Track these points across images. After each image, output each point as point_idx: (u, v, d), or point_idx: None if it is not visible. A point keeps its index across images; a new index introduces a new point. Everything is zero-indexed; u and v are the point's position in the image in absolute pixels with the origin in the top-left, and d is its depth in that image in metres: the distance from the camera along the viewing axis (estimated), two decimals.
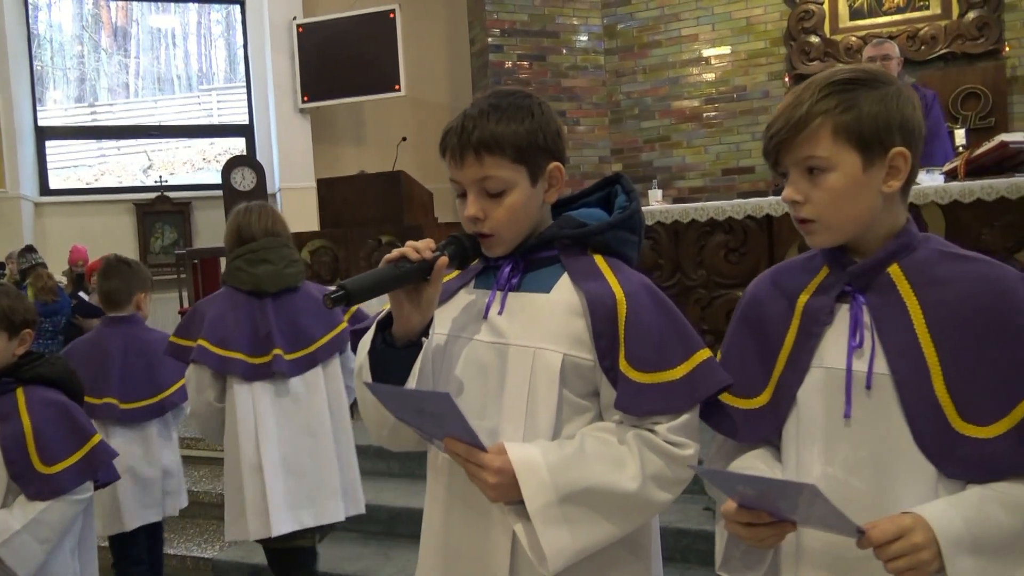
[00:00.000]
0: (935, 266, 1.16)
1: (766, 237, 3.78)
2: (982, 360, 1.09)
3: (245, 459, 2.47)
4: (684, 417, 1.28)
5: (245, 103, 8.29)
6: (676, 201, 6.22)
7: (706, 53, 7.19)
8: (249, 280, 2.53)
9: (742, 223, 3.82)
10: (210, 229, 7.79)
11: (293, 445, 2.52)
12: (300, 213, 7.00)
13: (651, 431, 1.28)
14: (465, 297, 1.43)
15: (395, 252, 1.27)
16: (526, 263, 1.38)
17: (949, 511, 1.04)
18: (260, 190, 7.47)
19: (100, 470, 2.12)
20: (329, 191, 5.04)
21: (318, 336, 2.59)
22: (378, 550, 3.29)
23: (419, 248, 1.27)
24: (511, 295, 1.36)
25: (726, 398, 1.29)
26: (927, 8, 6.42)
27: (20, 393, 2.06)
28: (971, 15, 6.27)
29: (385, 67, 7.27)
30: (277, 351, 2.49)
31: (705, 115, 7.22)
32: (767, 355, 1.25)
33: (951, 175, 3.81)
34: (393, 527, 3.41)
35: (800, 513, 1.06)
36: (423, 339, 1.32)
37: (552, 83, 7.36)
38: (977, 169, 3.71)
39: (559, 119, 1.39)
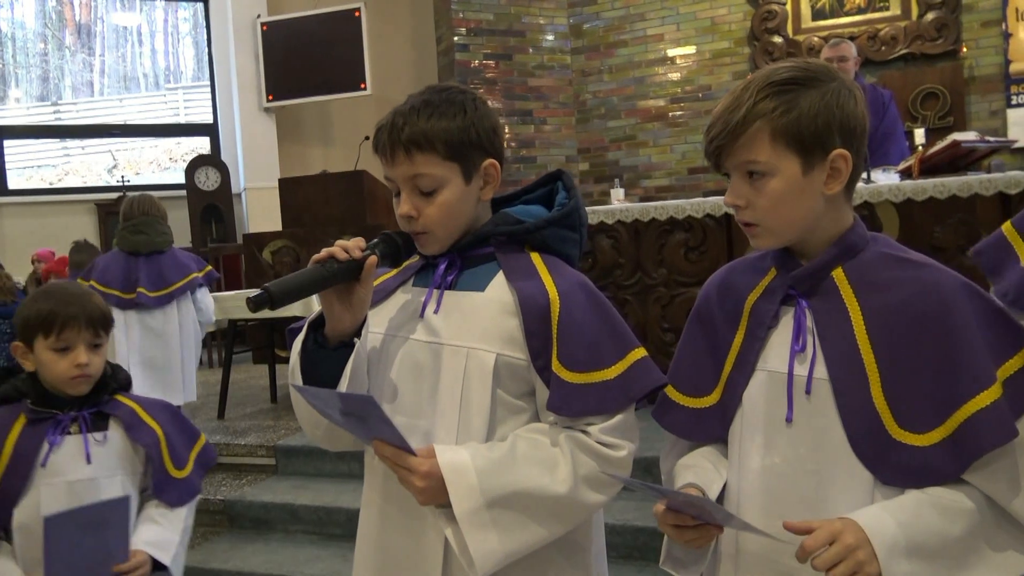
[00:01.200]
0: (879, 270, 1.15)
1: (725, 235, 3.81)
2: (919, 368, 1.08)
3: (119, 359, 3.74)
4: (618, 417, 1.27)
5: (211, 102, 8.20)
6: (643, 200, 6.25)
7: (671, 53, 7.23)
8: (128, 244, 3.99)
9: (701, 222, 3.84)
10: (174, 229, 7.64)
11: (151, 352, 3.92)
12: (265, 212, 6.96)
13: (584, 432, 1.27)
14: (403, 296, 1.40)
15: (323, 252, 1.25)
16: (463, 261, 1.36)
17: (883, 515, 1.04)
18: (224, 190, 7.41)
19: (210, 464, 2.04)
20: (291, 191, 5.00)
21: (174, 281, 3.98)
22: (337, 552, 3.27)
23: (348, 248, 1.25)
24: (447, 294, 1.34)
25: (677, 396, 1.28)
26: (887, 9, 6.51)
27: (127, 400, 1.89)
28: (930, 16, 6.36)
29: (351, 66, 7.23)
30: (141, 289, 3.90)
31: (671, 114, 7.26)
32: (718, 354, 1.25)
33: (906, 174, 3.86)
34: (353, 529, 3.37)
35: (722, 522, 1.10)
36: (355, 340, 1.29)
37: (519, 82, 7.37)
38: (931, 168, 3.77)
39: (496, 115, 1.36)
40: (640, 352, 1.30)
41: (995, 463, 1.05)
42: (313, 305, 3.96)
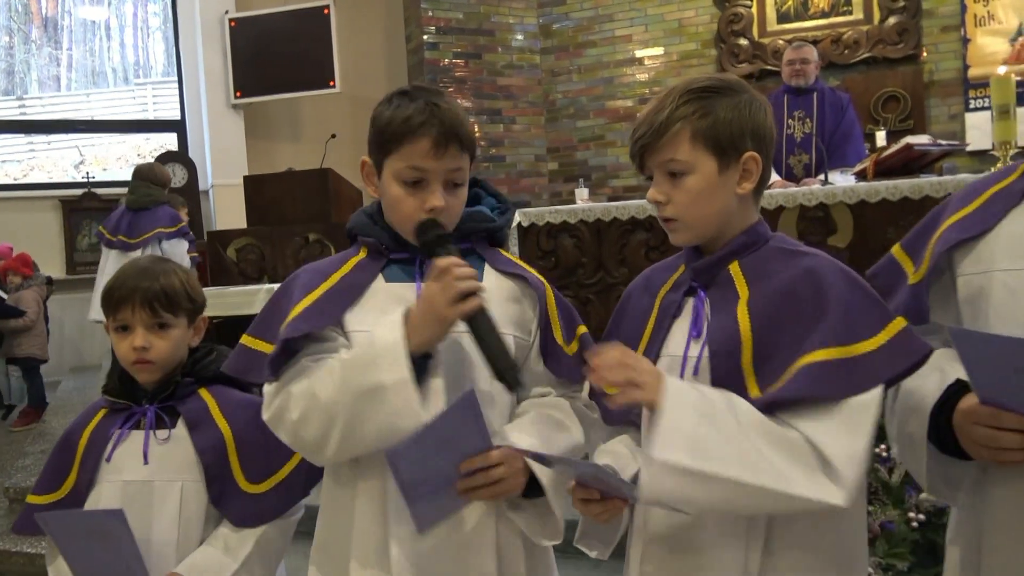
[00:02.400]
0: (769, 262, 1.26)
1: None
2: (785, 335, 1.19)
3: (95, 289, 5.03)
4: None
5: (168, 98, 8.13)
6: (611, 200, 6.30)
7: (639, 54, 7.30)
8: (125, 200, 5.23)
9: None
10: None
11: None
12: (232, 210, 6.91)
13: (576, 397, 1.44)
14: (382, 292, 1.41)
15: (470, 304, 1.24)
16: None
17: (690, 384, 1.18)
18: (192, 187, 7.35)
19: (313, 484, 1.67)
20: (256, 188, 4.99)
21: (144, 232, 5.00)
22: (296, 547, 3.27)
23: (470, 284, 1.26)
24: None
25: (611, 389, 1.34)
26: (850, 13, 6.62)
27: (207, 395, 1.64)
28: (891, 21, 6.48)
29: (319, 63, 7.21)
30: (120, 236, 5.06)
31: (639, 115, 7.27)
32: (632, 346, 1.32)
33: (862, 176, 3.94)
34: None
35: (626, 494, 1.17)
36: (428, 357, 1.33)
37: (488, 81, 7.39)
38: (886, 170, 3.85)
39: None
40: (582, 328, 1.47)
41: (824, 415, 1.13)
42: (256, 305, 3.96)
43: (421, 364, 1.26)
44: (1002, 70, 3.61)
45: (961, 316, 1.26)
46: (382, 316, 1.33)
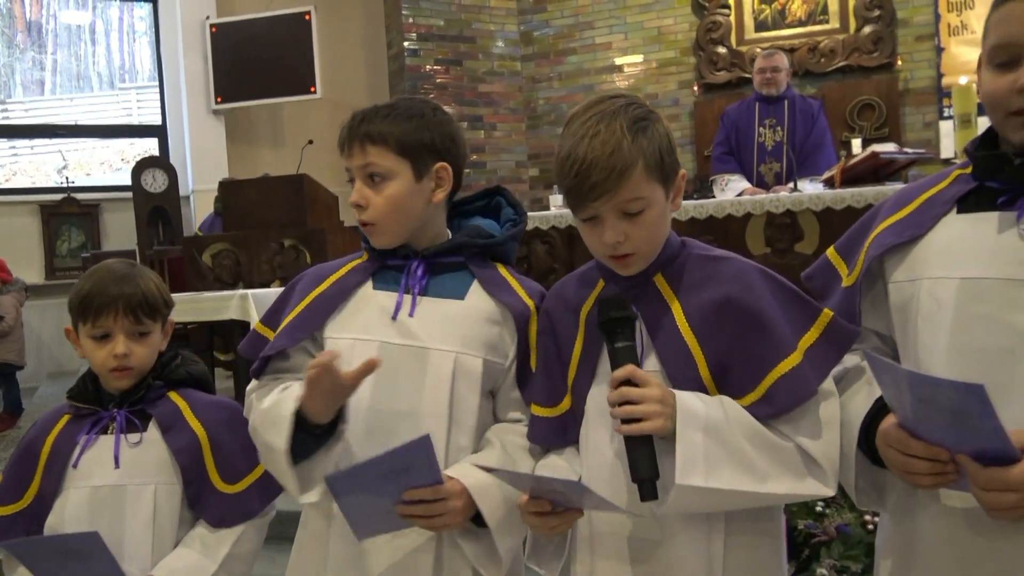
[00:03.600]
0: (692, 271, 1.27)
1: None
2: (734, 343, 1.21)
3: None
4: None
5: (153, 103, 8.13)
6: None
7: (619, 61, 7.34)
8: None
9: None
10: (120, 232, 7.62)
11: None
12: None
13: (519, 421, 1.43)
14: (365, 299, 1.44)
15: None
16: (430, 266, 1.43)
17: (695, 398, 1.18)
18: (172, 192, 7.35)
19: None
20: (233, 194, 5.00)
21: None
22: (264, 554, 3.28)
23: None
24: (426, 299, 1.41)
25: (538, 411, 1.36)
26: (827, 22, 6.68)
27: (177, 398, 1.64)
28: (867, 30, 6.54)
29: (300, 69, 7.22)
30: None
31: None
32: (563, 363, 1.33)
33: (829, 183, 3.99)
34: (284, 531, 3.40)
35: (581, 502, 1.18)
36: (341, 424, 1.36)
37: (469, 88, 7.42)
38: (853, 178, 3.90)
39: (457, 128, 1.47)
40: None
41: (799, 417, 1.19)
42: (251, 310, 3.96)
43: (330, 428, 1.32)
44: (963, 80, 3.67)
45: (892, 322, 1.28)
46: (363, 326, 1.41)
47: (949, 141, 6.30)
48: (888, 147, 3.95)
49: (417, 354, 1.37)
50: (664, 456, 1.14)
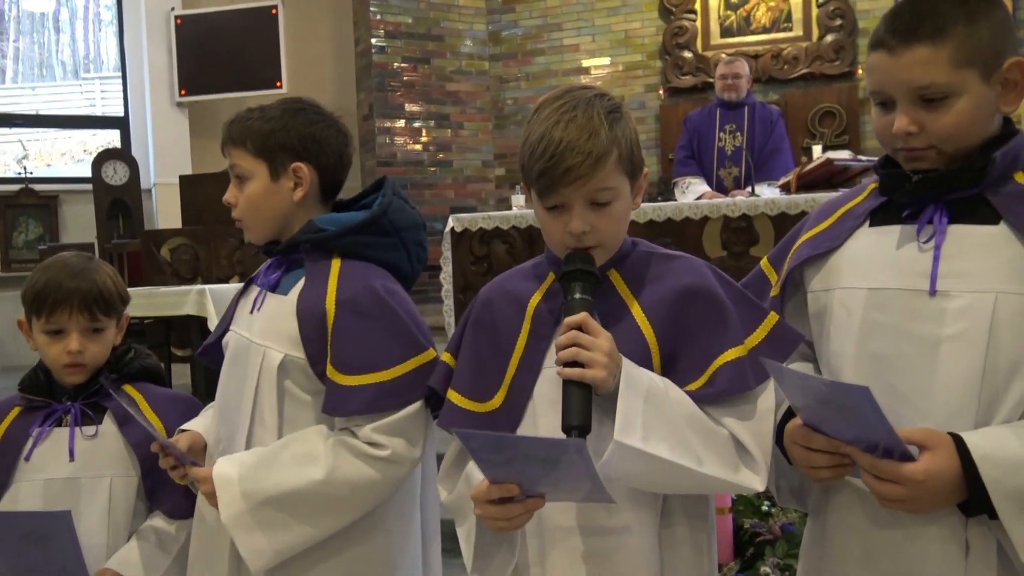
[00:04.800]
0: (646, 268, 1.28)
1: None
2: (689, 329, 1.23)
3: None
4: (392, 417, 1.36)
5: (117, 94, 8.02)
6: None
7: (586, 63, 7.38)
8: None
9: None
10: (79, 224, 7.49)
11: None
12: (175, 209, 6.83)
13: (353, 433, 1.37)
14: (249, 293, 1.56)
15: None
16: (288, 263, 1.49)
17: (640, 369, 1.18)
18: (133, 185, 7.24)
19: None
20: (193, 188, 4.95)
21: None
22: None
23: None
24: (268, 295, 1.48)
25: (462, 402, 1.31)
26: (790, 30, 6.78)
27: (133, 391, 1.64)
28: (829, 38, 6.65)
29: (266, 63, 7.16)
30: None
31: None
32: (500, 358, 1.30)
33: (785, 189, 4.06)
34: None
35: (555, 478, 1.09)
36: None
37: (437, 86, 7.41)
38: (808, 184, 3.97)
39: (329, 128, 1.49)
40: (428, 355, 1.40)
41: (735, 404, 1.21)
42: (209, 306, 3.93)
43: None
44: None
45: (811, 330, 1.33)
46: (236, 319, 1.52)
47: None
48: (843, 154, 4.03)
49: (247, 347, 1.45)
50: (603, 421, 1.14)
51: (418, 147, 7.31)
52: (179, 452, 1.41)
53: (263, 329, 1.43)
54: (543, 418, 1.25)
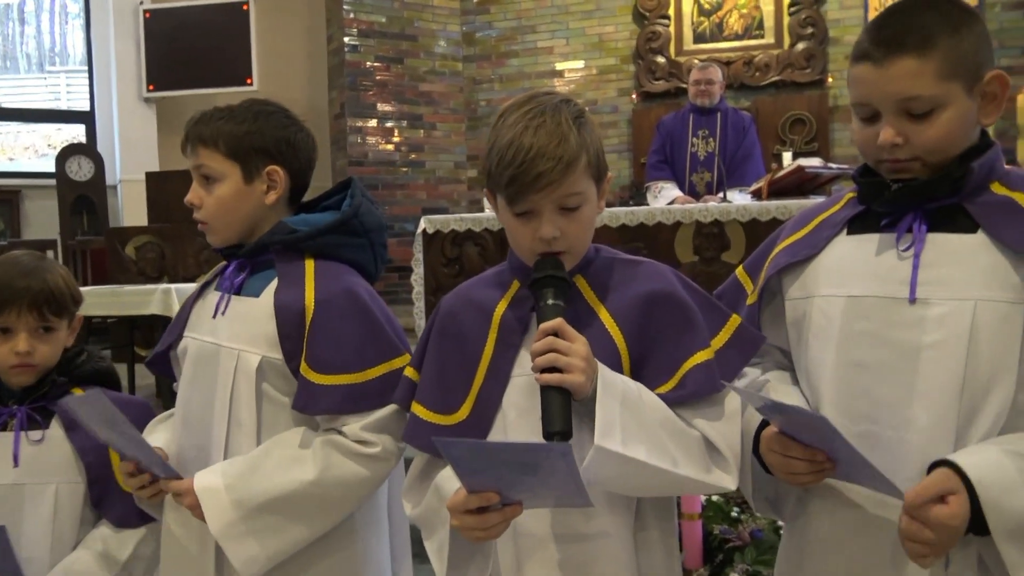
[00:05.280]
0: (611, 274, 1.28)
1: None
2: (657, 333, 1.23)
3: None
4: (376, 414, 1.35)
5: (84, 88, 7.87)
6: None
7: (560, 66, 7.39)
8: None
9: None
10: (42, 220, 7.34)
11: None
12: (141, 206, 6.71)
13: (340, 433, 1.36)
14: (206, 297, 1.52)
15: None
16: (252, 266, 1.46)
17: (615, 374, 1.19)
18: (98, 181, 7.11)
19: None
20: (159, 185, 4.87)
21: None
22: None
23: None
24: (234, 298, 1.44)
25: (426, 415, 1.29)
26: (762, 37, 6.83)
27: (80, 394, 1.60)
28: (800, 46, 6.72)
29: (237, 60, 7.07)
30: None
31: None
32: (466, 368, 1.28)
33: (757, 195, 4.08)
34: None
35: (535, 483, 1.07)
36: None
37: (410, 86, 7.37)
38: (779, 190, 4.00)
39: (301, 133, 1.48)
40: (404, 359, 1.38)
41: (705, 405, 1.21)
42: (174, 305, 3.86)
43: None
44: None
45: (788, 337, 1.33)
46: (195, 325, 1.48)
47: None
48: (813, 162, 4.06)
49: (216, 352, 1.42)
50: (579, 427, 1.13)
51: (390, 147, 7.26)
52: (162, 465, 1.35)
53: (234, 333, 1.40)
54: (513, 427, 1.23)
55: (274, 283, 1.41)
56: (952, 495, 1.05)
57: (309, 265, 1.42)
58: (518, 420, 1.23)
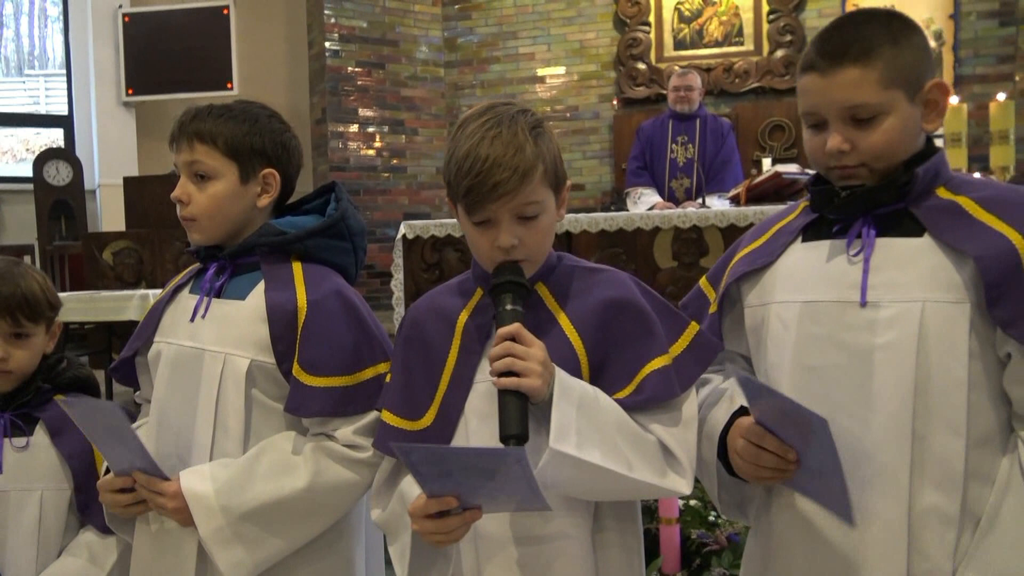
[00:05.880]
0: (572, 281, 1.30)
1: (565, 251, 3.96)
2: (616, 339, 1.25)
3: None
4: (368, 417, 1.36)
5: (63, 92, 7.81)
6: None
7: (541, 72, 7.41)
8: None
9: None
10: (19, 225, 7.27)
11: None
12: (120, 211, 6.67)
13: (330, 437, 1.35)
14: (180, 301, 1.49)
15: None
16: (233, 268, 1.44)
17: (572, 378, 1.20)
18: (77, 185, 7.05)
19: None
20: (137, 190, 4.84)
21: None
22: None
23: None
24: (215, 301, 1.43)
25: (394, 421, 1.31)
26: (742, 44, 6.89)
27: (84, 398, 1.61)
28: (779, 53, 6.78)
29: (217, 64, 7.04)
30: None
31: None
32: (431, 375, 1.30)
33: (735, 201, 4.11)
34: None
35: (493, 488, 1.09)
36: None
37: (391, 91, 7.37)
38: (757, 196, 4.03)
39: (295, 140, 1.48)
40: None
41: (662, 411, 1.23)
42: (130, 311, 3.83)
43: None
44: (955, 100, 3.85)
45: (748, 344, 1.36)
46: (170, 330, 1.44)
47: None
48: (791, 168, 4.10)
49: (198, 356, 1.39)
50: (537, 430, 1.14)
51: (371, 152, 7.25)
52: (158, 468, 1.33)
53: (220, 335, 1.38)
54: (475, 433, 1.26)
55: (260, 285, 1.41)
56: None
57: (296, 267, 1.42)
58: (480, 425, 1.25)
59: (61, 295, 4.61)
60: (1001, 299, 1.12)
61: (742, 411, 1.26)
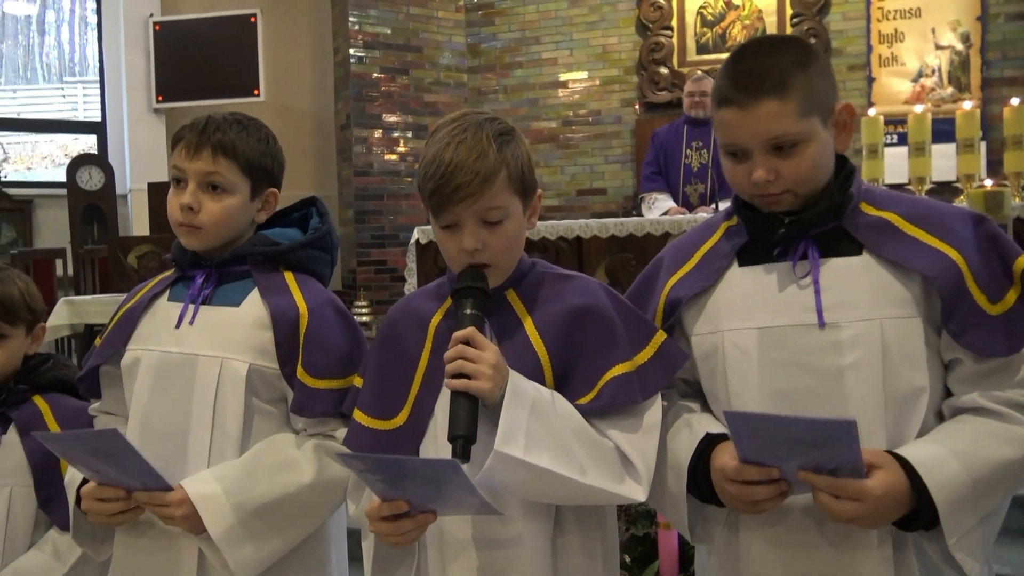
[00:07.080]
0: (542, 287, 1.32)
1: (576, 256, 3.99)
2: (580, 346, 1.26)
3: None
4: None
5: (99, 99, 8.01)
6: None
7: (564, 77, 7.42)
8: None
9: (555, 243, 4.01)
10: (53, 229, 7.46)
11: None
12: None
13: (330, 437, 1.41)
14: (159, 309, 1.50)
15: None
16: (220, 276, 1.48)
17: (528, 382, 1.22)
18: (108, 190, 7.23)
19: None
20: (162, 195, 4.93)
21: None
22: None
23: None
24: (203, 309, 1.45)
25: (367, 420, 1.35)
26: None
27: (40, 401, 1.65)
28: None
29: (245, 71, 7.17)
30: None
31: (562, 136, 7.44)
32: (405, 376, 1.33)
33: None
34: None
35: (443, 494, 1.13)
36: None
37: (414, 97, 7.43)
38: None
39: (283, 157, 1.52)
40: None
41: (622, 417, 1.24)
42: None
43: None
44: (872, 112, 3.81)
45: (698, 372, 1.35)
46: (150, 337, 1.45)
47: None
48: None
49: (190, 362, 1.42)
50: (492, 432, 1.16)
51: (395, 157, 7.32)
52: (166, 486, 1.34)
53: (214, 341, 1.42)
54: (443, 433, 1.27)
55: (254, 293, 1.46)
56: (878, 469, 1.11)
57: (289, 276, 1.48)
58: (444, 422, 1.26)
59: (87, 297, 4.70)
60: (954, 313, 1.17)
61: (708, 440, 1.26)
